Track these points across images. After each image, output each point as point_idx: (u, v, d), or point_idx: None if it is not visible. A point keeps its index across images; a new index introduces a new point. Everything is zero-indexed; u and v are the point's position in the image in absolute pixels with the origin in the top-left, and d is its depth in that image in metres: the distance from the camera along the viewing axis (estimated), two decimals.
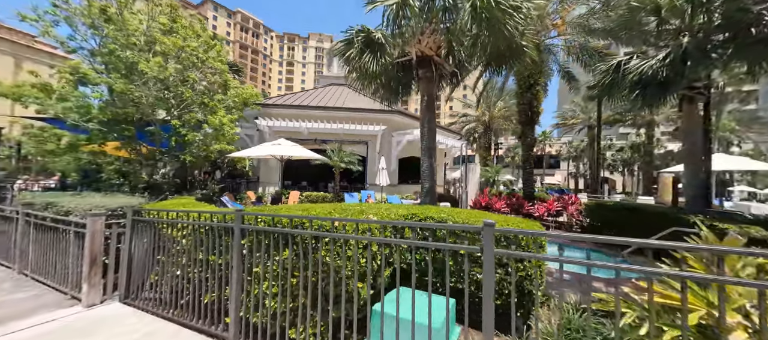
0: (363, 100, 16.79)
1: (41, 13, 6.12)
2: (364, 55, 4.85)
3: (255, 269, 2.75)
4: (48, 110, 7.30)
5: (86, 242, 3.64)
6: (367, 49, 4.85)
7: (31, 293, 4.02)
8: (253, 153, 7.85)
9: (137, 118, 7.51)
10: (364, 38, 4.87)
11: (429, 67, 5.37)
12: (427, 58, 5.33)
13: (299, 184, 15.71)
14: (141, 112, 7.22)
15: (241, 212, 2.87)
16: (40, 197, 5.47)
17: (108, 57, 6.52)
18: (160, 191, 7.75)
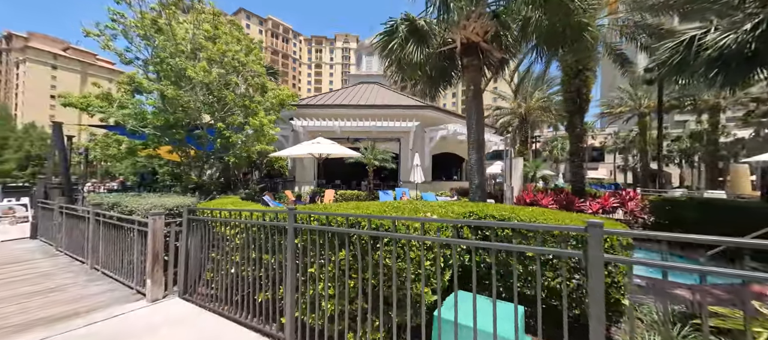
0: (394, 96, 16.62)
1: (102, 28, 6.62)
2: (408, 44, 4.64)
3: (310, 270, 2.67)
4: (109, 118, 7.94)
5: (148, 239, 3.82)
6: (411, 38, 4.64)
7: (103, 287, 4.33)
8: (293, 152, 7.98)
9: (186, 123, 7.93)
10: (409, 26, 4.66)
11: (475, 55, 5.04)
12: (473, 45, 5.00)
13: (333, 182, 15.91)
14: (189, 117, 7.61)
15: (293, 211, 2.81)
16: (107, 198, 5.92)
17: (159, 65, 6.92)
18: (208, 191, 8.14)
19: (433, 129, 13.87)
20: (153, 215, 3.83)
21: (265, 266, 3.11)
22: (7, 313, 3.50)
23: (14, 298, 3.90)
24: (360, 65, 20.81)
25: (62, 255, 5.97)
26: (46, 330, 3.09)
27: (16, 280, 4.58)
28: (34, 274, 4.88)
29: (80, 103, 7.58)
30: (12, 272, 4.98)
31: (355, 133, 13.50)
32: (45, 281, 4.57)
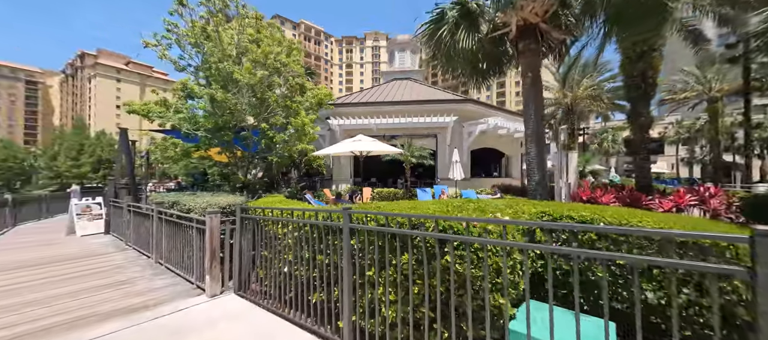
0: (429, 91, 16.20)
1: (159, 39, 7.09)
2: (459, 30, 4.34)
3: (368, 273, 2.53)
4: (166, 123, 8.54)
5: (206, 237, 3.96)
6: (462, 23, 4.33)
7: (166, 280, 4.59)
8: (334, 150, 7.99)
9: (233, 125, 8.29)
10: (460, 10, 4.35)
11: (533, 37, 4.59)
12: (531, 27, 4.55)
13: (369, 180, 15.93)
14: (235, 119, 7.93)
15: (348, 211, 2.69)
16: (166, 196, 6.34)
17: (208, 71, 7.26)
18: (253, 190, 8.45)
19: (471, 124, 13.29)
20: (210, 214, 3.96)
21: (318, 266, 3.04)
22: (93, 302, 3.81)
23: (97, 289, 4.26)
24: (392, 62, 20.61)
25: (131, 249, 6.52)
26: (124, 321, 3.30)
27: (97, 271, 5.04)
28: (110, 267, 5.34)
29: (142, 110, 8.24)
30: (93, 264, 5.50)
31: (391, 130, 13.36)
32: (118, 273, 4.96)
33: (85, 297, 3.99)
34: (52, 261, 5.71)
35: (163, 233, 5.31)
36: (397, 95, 15.17)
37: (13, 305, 3.78)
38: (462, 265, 2.01)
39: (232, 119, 7.64)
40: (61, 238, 7.86)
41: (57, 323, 3.28)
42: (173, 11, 7.39)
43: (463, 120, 13.34)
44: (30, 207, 11.40)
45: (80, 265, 5.46)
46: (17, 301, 3.87)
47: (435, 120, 12.68)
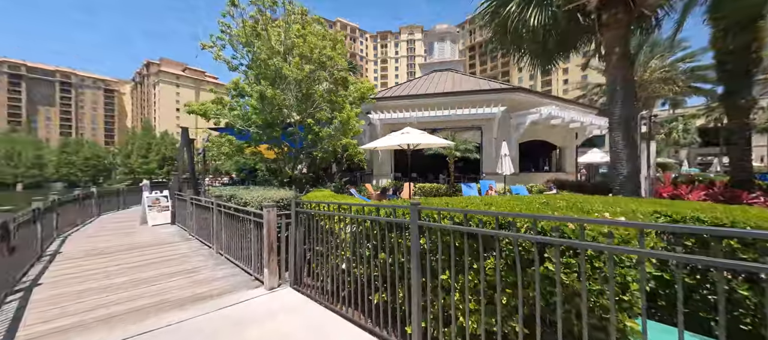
0: (471, 81, 15.41)
1: (214, 40, 7.43)
2: (531, 4, 3.85)
3: (442, 276, 2.27)
4: (221, 120, 9.02)
5: (264, 230, 3.99)
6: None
7: (227, 271, 4.77)
8: (382, 144, 7.80)
9: (280, 121, 8.51)
10: None
11: (622, 5, 3.89)
12: None
13: (409, 175, 15.65)
14: (283, 115, 8.11)
15: (417, 206, 2.44)
16: (224, 190, 6.64)
17: (258, 69, 7.47)
18: (300, 184, 8.62)
19: (520, 114, 12.34)
20: (267, 208, 3.98)
21: (380, 265, 2.85)
22: (166, 288, 4.05)
23: (168, 276, 4.55)
24: (431, 53, 19.96)
25: (194, 240, 6.97)
26: (193, 309, 3.43)
27: (166, 260, 5.41)
28: (177, 255, 5.73)
29: (200, 110, 8.78)
30: (162, 252, 5.95)
31: (432, 123, 12.90)
32: (184, 262, 5.28)
33: (159, 284, 4.26)
34: (130, 248, 6.28)
35: (222, 225, 5.55)
36: (438, 87, 14.63)
37: (96, 289, 4.14)
38: (570, 275, 1.66)
39: (280, 115, 7.82)
40: (136, 227, 8.71)
41: (136, 308, 3.49)
42: (226, 13, 7.70)
43: (511, 110, 12.44)
44: (110, 199, 12.91)
45: (152, 253, 5.93)
46: (100, 285, 4.25)
47: (480, 111, 11.98)
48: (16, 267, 4.37)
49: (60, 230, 7.64)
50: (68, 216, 8.42)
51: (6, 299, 3.76)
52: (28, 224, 5.01)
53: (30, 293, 3.99)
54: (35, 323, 3.16)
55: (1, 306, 3.57)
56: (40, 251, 5.69)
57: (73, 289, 4.09)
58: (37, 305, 3.62)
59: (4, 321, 3.24)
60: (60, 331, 3.03)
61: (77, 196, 9.47)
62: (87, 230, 8.41)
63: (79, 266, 5.08)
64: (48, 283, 4.34)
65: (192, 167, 9.52)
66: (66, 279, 4.49)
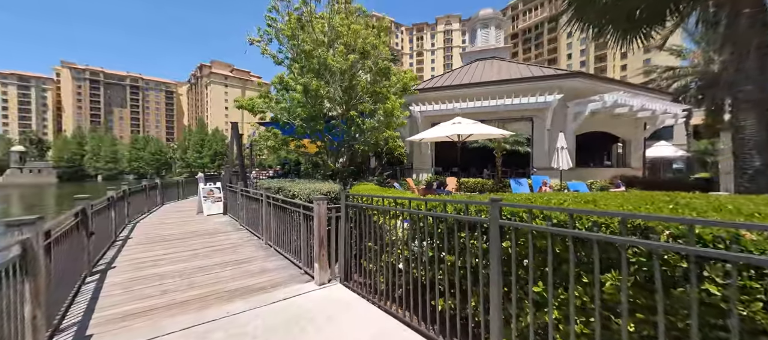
0: (520, 68, 14.25)
1: (262, 34, 7.54)
2: None
3: (534, 289, 1.87)
4: (267, 114, 9.24)
5: (315, 223, 3.85)
6: None
7: (277, 263, 4.76)
8: (430, 135, 7.37)
9: (323, 114, 8.48)
10: None
11: None
12: None
13: (450, 170, 15.05)
14: (326, 108, 8.05)
15: (498, 203, 2.05)
16: (271, 182, 6.73)
17: (303, 61, 7.44)
18: (342, 177, 8.53)
19: (579, 103, 11.11)
20: (317, 200, 3.83)
21: (446, 268, 2.51)
22: (219, 278, 4.11)
23: (221, 266, 4.65)
24: (474, 40, 18.89)
25: (244, 230, 7.20)
26: (246, 301, 3.39)
27: (220, 249, 5.60)
28: (229, 245, 5.91)
29: (247, 104, 9.07)
30: (216, 241, 6.18)
31: (477, 115, 12.13)
32: (236, 252, 5.40)
33: (213, 273, 4.35)
34: (188, 236, 6.64)
35: (271, 216, 5.59)
36: (484, 76, 13.74)
37: (159, 275, 4.32)
38: (751, 305, 1.18)
39: (323, 108, 7.76)
40: (193, 216, 9.30)
41: (194, 298, 3.54)
42: (272, 7, 7.77)
43: (568, 99, 11.24)
44: (171, 190, 14.09)
45: (207, 241, 6.19)
46: (163, 271, 4.44)
47: (533, 100, 10.99)
48: (95, 250, 4.75)
49: (131, 218, 8.39)
50: (137, 205, 9.23)
51: (86, 280, 4.07)
52: (103, 211, 5.45)
53: (105, 275, 4.28)
54: (106, 308, 3.32)
55: (81, 287, 3.84)
56: (113, 236, 6.22)
57: (140, 274, 4.32)
58: (109, 289, 3.85)
59: (83, 302, 3.46)
60: (128, 316, 3.13)
61: (144, 186, 10.38)
62: (152, 218, 9.16)
63: (146, 251, 5.43)
64: (120, 266, 4.66)
65: (241, 160, 9.92)
66: (134, 264, 4.79)
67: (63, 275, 3.24)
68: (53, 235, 2.92)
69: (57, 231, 3.05)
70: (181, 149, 79.57)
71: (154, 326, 2.91)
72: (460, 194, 9.87)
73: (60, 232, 3.17)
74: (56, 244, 3.05)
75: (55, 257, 3.00)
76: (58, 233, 3.06)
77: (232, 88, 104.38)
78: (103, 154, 77.75)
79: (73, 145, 79.11)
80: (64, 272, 3.31)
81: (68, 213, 3.81)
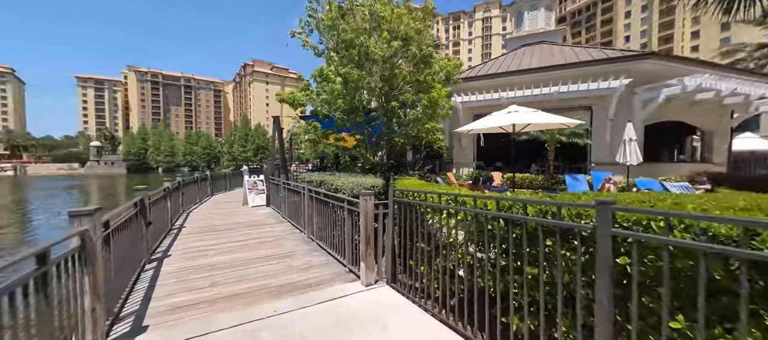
0: (576, 52, 12.85)
1: (303, 25, 7.45)
2: None
3: (673, 325, 1.39)
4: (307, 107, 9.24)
5: (361, 220, 3.59)
6: None
7: (320, 258, 4.62)
8: (481, 125, 6.70)
9: (363, 106, 8.23)
10: None
11: None
12: None
13: (493, 164, 14.16)
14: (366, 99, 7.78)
15: (608, 206, 1.59)
16: (313, 176, 6.66)
17: (344, 50, 7.21)
18: (382, 171, 8.26)
19: (650, 88, 9.68)
20: (364, 195, 3.56)
21: (523, 281, 2.09)
22: (265, 272, 4.05)
23: (266, 259, 4.62)
24: (520, 25, 17.48)
25: (286, 222, 7.26)
26: (292, 299, 3.24)
27: (264, 242, 5.62)
28: (273, 237, 5.93)
29: (288, 98, 9.13)
30: (260, 233, 6.26)
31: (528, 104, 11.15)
32: (280, 245, 5.38)
33: (259, 266, 4.31)
34: (234, 227, 6.83)
35: (313, 210, 5.49)
36: (532, 63, 12.60)
37: (205, 266, 4.37)
38: None
39: (363, 100, 7.51)
40: (239, 207, 9.69)
41: (239, 292, 3.48)
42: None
43: (636, 84, 9.84)
44: (219, 182, 14.97)
45: (252, 233, 6.29)
46: (212, 262, 4.50)
47: (594, 86, 9.79)
48: (153, 238, 4.98)
49: (185, 207, 8.92)
50: (190, 195, 9.82)
51: (145, 267, 4.24)
52: (160, 201, 5.73)
53: (161, 263, 4.45)
54: (160, 297, 3.37)
55: (140, 274, 4.00)
56: (169, 224, 6.58)
57: (192, 263, 4.42)
58: (164, 277, 3.95)
59: (141, 290, 3.55)
60: (180, 308, 3.13)
61: (196, 178, 11.04)
62: (203, 209, 9.67)
63: (197, 241, 5.63)
64: (174, 255, 4.83)
65: (282, 153, 10.10)
66: (186, 254, 4.94)
67: (123, 262, 3.33)
68: (112, 225, 2.97)
69: (116, 222, 3.11)
70: (227, 144, 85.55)
71: (205, 320, 2.86)
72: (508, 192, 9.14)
73: (119, 222, 3.24)
74: (116, 233, 3.11)
75: (114, 246, 3.07)
76: (116, 224, 3.12)
77: (272, 85, 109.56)
78: (162, 148, 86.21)
79: (138, 140, 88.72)
80: (124, 260, 3.42)
81: (127, 203, 3.96)
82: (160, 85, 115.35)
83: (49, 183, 48.54)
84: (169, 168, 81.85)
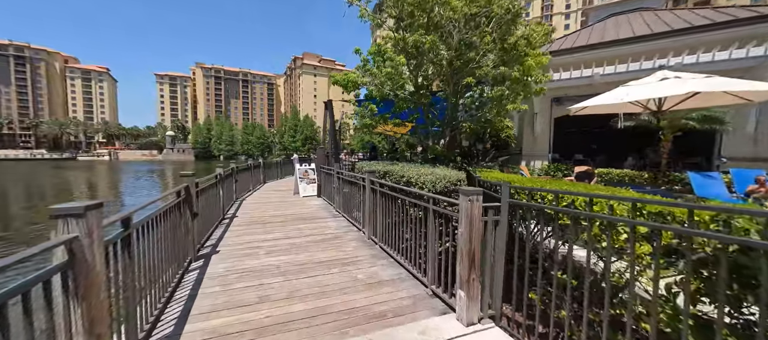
0: (691, 15, 10.04)
1: None
2: None
3: None
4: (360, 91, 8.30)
5: (463, 231, 2.46)
6: None
7: (391, 271, 3.61)
8: (610, 99, 4.74)
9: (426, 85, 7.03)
10: None
11: None
12: None
13: (573, 158, 12.01)
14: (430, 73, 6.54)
15: None
16: (375, 165, 5.69)
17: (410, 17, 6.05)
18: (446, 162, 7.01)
19: None
20: (468, 195, 2.41)
21: None
22: (325, 287, 3.15)
23: (325, 266, 3.75)
24: None
25: (341, 217, 6.45)
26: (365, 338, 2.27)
27: (319, 240, 4.81)
28: (329, 235, 5.11)
29: (342, 80, 8.28)
30: (314, 229, 5.50)
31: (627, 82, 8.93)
32: (338, 247, 4.51)
33: (316, 276, 3.44)
34: (285, 220, 6.19)
35: (376, 206, 4.52)
36: (621, 33, 10.14)
37: (253, 272, 3.62)
38: None
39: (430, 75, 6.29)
40: (290, 196, 9.23)
41: (294, 317, 2.60)
42: None
43: None
44: (272, 170, 15.02)
45: (305, 228, 5.56)
46: (258, 265, 3.76)
47: (738, 54, 7.33)
48: (202, 231, 4.45)
49: (238, 194, 8.67)
50: (244, 182, 9.62)
51: (190, 267, 3.64)
52: (211, 189, 5.22)
53: (208, 262, 3.83)
54: (202, 314, 2.63)
55: (183, 276, 3.38)
56: (222, 213, 6.15)
57: (239, 266, 3.73)
58: (209, 282, 3.26)
59: (181, 299, 2.88)
60: (220, 336, 2.34)
61: (249, 165, 10.91)
62: (255, 196, 9.40)
63: (247, 234, 5.02)
64: (223, 251, 4.23)
65: (334, 140, 9.38)
66: (235, 252, 4.31)
67: (160, 266, 2.65)
68: (137, 223, 2.22)
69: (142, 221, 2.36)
70: (279, 134, 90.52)
71: None
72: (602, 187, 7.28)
73: (151, 218, 2.53)
74: (147, 231, 2.40)
75: (148, 248, 2.37)
76: (144, 223, 2.37)
77: (319, 76, 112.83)
78: (223, 138, 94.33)
79: (204, 130, 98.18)
80: (164, 262, 2.75)
81: (169, 192, 3.33)
82: (221, 80, 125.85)
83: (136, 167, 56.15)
84: (229, 156, 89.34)
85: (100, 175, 40.26)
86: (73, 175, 38.24)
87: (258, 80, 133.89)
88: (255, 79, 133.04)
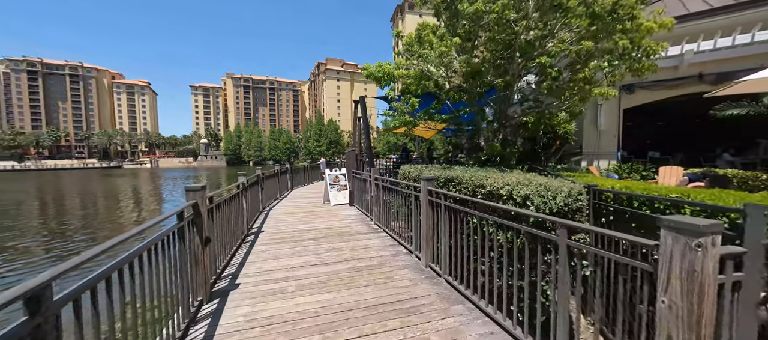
0: None
1: None
2: None
3: None
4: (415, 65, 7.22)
5: (671, 302, 1.25)
6: None
7: (480, 328, 2.45)
8: None
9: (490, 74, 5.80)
10: None
11: None
12: None
13: (647, 155, 10.21)
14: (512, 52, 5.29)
15: None
16: (432, 170, 4.57)
17: None
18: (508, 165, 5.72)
19: None
20: (691, 232, 1.21)
21: None
22: None
23: (380, 314, 2.66)
24: None
25: (382, 232, 5.39)
26: None
27: (361, 268, 3.75)
28: (373, 261, 4.03)
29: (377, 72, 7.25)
30: (353, 249, 4.45)
31: (741, 59, 7.13)
32: (388, 279, 3.41)
33: (370, 335, 2.36)
34: (318, 236, 5.23)
35: (441, 225, 3.37)
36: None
37: (280, 320, 2.60)
38: None
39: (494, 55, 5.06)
40: (319, 205, 8.33)
41: None
42: None
43: None
44: (299, 175, 14.37)
45: (342, 247, 4.54)
46: (287, 309, 2.74)
47: None
48: (218, 258, 3.56)
49: (264, 204, 7.90)
50: (270, 190, 8.87)
51: (198, 315, 2.71)
52: (230, 202, 4.33)
53: (224, 304, 2.89)
54: None
55: (189, 329, 2.44)
56: (245, 229, 5.29)
57: (262, 313, 2.72)
58: None
59: None
60: None
61: (276, 171, 10.19)
62: (283, 206, 8.58)
63: (274, 257, 4.08)
64: (243, 285, 3.27)
65: (368, 142, 8.36)
66: (258, 285, 3.34)
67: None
68: None
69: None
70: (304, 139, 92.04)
71: None
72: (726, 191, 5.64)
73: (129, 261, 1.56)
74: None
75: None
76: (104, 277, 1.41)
77: (343, 81, 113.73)
78: (252, 144, 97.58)
79: (234, 137, 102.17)
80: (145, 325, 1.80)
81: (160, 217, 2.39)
82: (250, 89, 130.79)
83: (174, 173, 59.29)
84: (258, 161, 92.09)
85: (144, 180, 42.78)
86: (121, 181, 40.75)
87: (284, 87, 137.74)
88: (281, 87, 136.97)
